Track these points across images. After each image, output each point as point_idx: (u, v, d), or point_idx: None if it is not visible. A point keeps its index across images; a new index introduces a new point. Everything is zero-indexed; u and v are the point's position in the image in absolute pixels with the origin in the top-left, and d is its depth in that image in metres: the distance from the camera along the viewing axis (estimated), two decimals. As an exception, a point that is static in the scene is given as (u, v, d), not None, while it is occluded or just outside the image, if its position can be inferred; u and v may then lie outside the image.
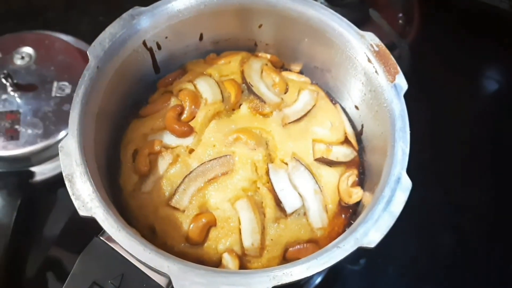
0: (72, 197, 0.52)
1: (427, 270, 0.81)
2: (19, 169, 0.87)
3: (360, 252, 0.51)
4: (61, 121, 0.86)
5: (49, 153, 0.86)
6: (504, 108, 1.00)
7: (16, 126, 0.86)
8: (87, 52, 0.60)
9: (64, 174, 0.53)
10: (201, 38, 0.73)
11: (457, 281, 0.81)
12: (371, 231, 0.51)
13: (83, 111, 0.57)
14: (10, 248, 0.78)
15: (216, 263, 0.59)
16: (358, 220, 0.55)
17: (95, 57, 0.60)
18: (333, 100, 0.73)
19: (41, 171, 0.87)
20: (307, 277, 0.50)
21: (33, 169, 0.87)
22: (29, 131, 0.85)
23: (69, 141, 0.55)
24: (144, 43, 0.67)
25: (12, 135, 0.85)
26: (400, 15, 0.97)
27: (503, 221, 0.86)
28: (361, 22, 0.88)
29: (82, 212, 0.51)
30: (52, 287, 0.76)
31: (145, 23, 0.65)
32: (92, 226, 0.52)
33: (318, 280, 0.81)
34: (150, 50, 0.68)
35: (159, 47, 0.69)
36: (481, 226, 0.85)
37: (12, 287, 0.78)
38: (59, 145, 0.55)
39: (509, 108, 0.99)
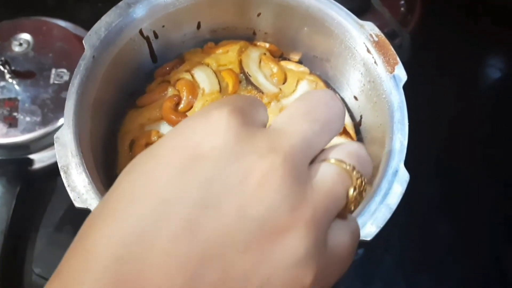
0: (68, 189, 0.52)
1: (425, 260, 0.82)
2: (18, 157, 0.87)
3: (359, 243, 0.51)
4: (60, 108, 0.85)
5: (48, 141, 0.85)
6: (507, 96, 0.99)
7: (15, 114, 0.85)
8: (83, 42, 0.60)
9: (59, 165, 0.53)
10: (198, 26, 0.72)
11: (455, 271, 0.81)
12: (368, 224, 0.51)
13: (78, 101, 0.57)
14: (9, 235, 0.78)
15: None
16: (355, 212, 0.54)
17: (90, 47, 0.60)
18: (332, 90, 0.72)
19: (40, 159, 0.87)
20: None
21: (32, 156, 0.87)
22: (28, 118, 0.85)
23: (64, 132, 0.55)
24: (141, 32, 0.66)
25: (11, 123, 0.85)
26: (402, 2, 0.96)
27: (501, 211, 0.86)
28: (363, 9, 0.87)
29: (77, 204, 0.51)
30: (49, 275, 0.77)
31: (142, 12, 0.64)
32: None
33: (316, 269, 0.82)
34: (147, 39, 0.67)
35: (156, 36, 0.68)
36: (479, 217, 0.85)
37: (11, 274, 0.78)
38: (55, 135, 0.54)
39: (511, 95, 0.98)
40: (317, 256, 0.24)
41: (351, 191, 0.27)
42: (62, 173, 0.52)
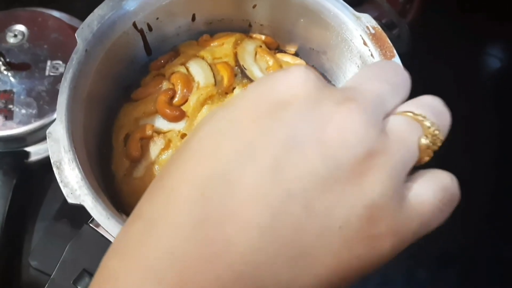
0: (61, 185, 0.51)
1: (422, 255, 0.81)
2: (14, 149, 0.86)
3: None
4: (55, 100, 0.82)
5: (44, 133, 0.83)
6: (507, 87, 0.98)
7: (10, 106, 0.85)
8: (75, 35, 0.59)
9: (52, 161, 0.52)
10: (193, 18, 0.71)
11: (453, 266, 0.81)
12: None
13: (71, 95, 0.57)
14: (5, 229, 0.78)
15: (208, 248, 0.59)
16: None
17: (83, 40, 0.59)
18: (329, 83, 0.72)
19: (36, 151, 0.87)
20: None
21: (28, 149, 0.87)
22: (23, 111, 0.84)
23: (57, 127, 0.54)
24: (134, 25, 0.65)
25: (6, 115, 0.84)
26: (401, -8, 0.95)
27: (501, 206, 0.86)
28: (361, -1, 0.86)
29: (70, 200, 0.51)
30: (45, 269, 0.77)
31: (135, 4, 0.63)
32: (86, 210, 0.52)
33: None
34: (141, 31, 0.67)
35: (150, 28, 0.67)
36: (478, 212, 0.85)
37: (7, 268, 0.78)
38: (47, 131, 0.54)
39: (511, 86, 0.98)
40: (392, 204, 0.25)
41: (422, 140, 0.28)
42: (54, 169, 0.52)
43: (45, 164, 0.85)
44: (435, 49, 0.95)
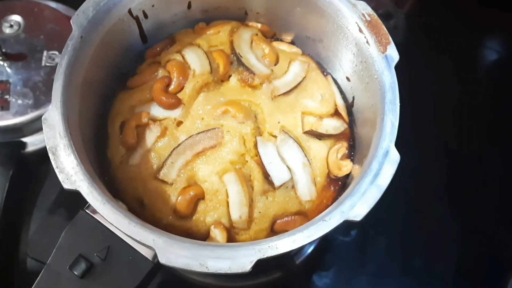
0: (56, 170, 0.51)
1: (417, 242, 0.82)
2: (10, 140, 0.86)
3: (350, 223, 0.51)
4: (52, 91, 0.85)
5: (40, 124, 0.84)
6: (504, 79, 0.98)
7: (6, 96, 0.85)
8: (70, 22, 0.59)
9: (47, 147, 0.52)
10: (189, 6, 0.71)
11: (449, 254, 0.81)
12: (358, 204, 0.51)
13: (67, 82, 0.56)
14: (2, 219, 0.78)
15: (204, 236, 0.59)
16: (345, 193, 0.54)
17: (78, 27, 0.59)
18: (325, 71, 0.72)
19: (33, 142, 0.87)
20: (295, 249, 0.50)
21: (24, 139, 0.87)
22: (20, 101, 0.85)
23: (52, 113, 0.54)
24: (130, 12, 0.65)
25: (3, 106, 0.84)
26: (398, -18, 0.95)
27: (492, 193, 0.86)
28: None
29: (66, 185, 0.51)
30: (43, 258, 0.77)
31: (130, -9, 0.63)
32: (83, 198, 0.52)
33: (310, 250, 0.82)
34: (136, 19, 0.66)
35: (145, 15, 0.67)
36: (475, 200, 0.85)
37: (5, 258, 0.79)
38: (43, 117, 0.54)
39: (508, 78, 0.98)
40: None
41: None
42: (50, 155, 0.52)
43: (42, 154, 0.85)
44: (432, 40, 0.95)
